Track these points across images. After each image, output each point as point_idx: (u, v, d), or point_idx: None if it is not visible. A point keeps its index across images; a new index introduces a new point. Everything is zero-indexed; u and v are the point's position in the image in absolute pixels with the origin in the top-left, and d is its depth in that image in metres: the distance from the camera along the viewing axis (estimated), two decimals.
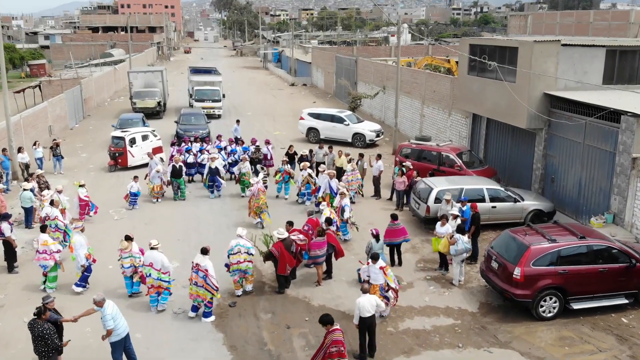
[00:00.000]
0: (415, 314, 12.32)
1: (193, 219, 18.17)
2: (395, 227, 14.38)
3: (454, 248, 13.41)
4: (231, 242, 12.74)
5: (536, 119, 18.27)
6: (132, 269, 12.72)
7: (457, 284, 13.64)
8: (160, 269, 11.99)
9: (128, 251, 12.64)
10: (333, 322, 9.61)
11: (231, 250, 12.59)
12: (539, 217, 16.90)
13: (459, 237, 13.47)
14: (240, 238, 12.70)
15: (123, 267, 12.75)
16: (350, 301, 12.75)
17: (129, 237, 12.80)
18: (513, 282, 11.99)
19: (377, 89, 34.78)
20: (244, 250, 12.61)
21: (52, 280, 13.32)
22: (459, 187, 16.38)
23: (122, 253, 12.70)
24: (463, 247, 13.41)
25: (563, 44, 18.01)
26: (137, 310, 12.27)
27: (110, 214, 18.41)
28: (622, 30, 57.09)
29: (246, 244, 12.72)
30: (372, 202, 19.72)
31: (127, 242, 12.68)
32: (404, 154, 20.84)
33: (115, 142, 24.07)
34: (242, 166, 19.98)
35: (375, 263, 11.77)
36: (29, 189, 17.01)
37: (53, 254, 13.15)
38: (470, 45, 21.40)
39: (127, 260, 12.66)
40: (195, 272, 11.78)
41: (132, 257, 12.65)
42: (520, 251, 12.14)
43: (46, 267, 13.14)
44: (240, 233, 12.77)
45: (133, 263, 12.66)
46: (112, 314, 9.87)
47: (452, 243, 13.44)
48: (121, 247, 12.72)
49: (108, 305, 9.94)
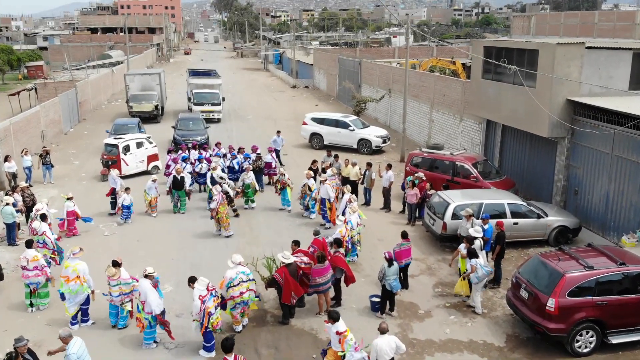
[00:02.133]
0: (435, 349, 11.01)
1: (189, 234, 16.87)
2: (404, 248, 13.02)
3: (475, 276, 12.09)
4: (228, 273, 11.21)
5: (558, 127, 16.97)
6: (120, 298, 11.42)
7: (481, 312, 12.33)
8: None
9: (116, 279, 11.33)
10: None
11: (231, 282, 11.13)
12: (564, 234, 15.62)
13: (476, 262, 12.15)
14: (239, 266, 11.34)
15: (111, 295, 11.45)
16: (363, 334, 11.40)
17: (116, 262, 11.45)
18: (546, 315, 10.69)
19: (382, 92, 33.53)
20: (245, 277, 11.26)
21: (45, 297, 12.39)
22: (478, 201, 15.03)
23: (110, 280, 11.39)
24: (484, 272, 12.12)
25: (587, 46, 16.72)
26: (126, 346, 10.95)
27: (101, 229, 17.12)
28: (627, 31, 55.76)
29: (245, 270, 11.38)
30: (382, 215, 18.41)
31: (115, 269, 11.37)
32: (414, 164, 19.55)
33: (108, 149, 22.80)
34: (246, 177, 18.69)
35: (333, 324, 9.32)
36: (10, 203, 15.72)
37: (44, 269, 12.23)
38: (485, 48, 20.10)
39: (116, 289, 11.36)
40: (212, 296, 10.58)
41: (120, 285, 11.35)
42: (553, 279, 10.83)
43: (38, 284, 12.23)
44: (238, 261, 11.35)
45: (122, 291, 11.36)
46: (78, 353, 8.70)
47: (472, 271, 12.12)
48: (108, 274, 11.39)
49: (74, 344, 8.77)
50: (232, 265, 11.34)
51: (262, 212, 18.85)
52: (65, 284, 11.62)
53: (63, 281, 11.63)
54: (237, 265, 11.33)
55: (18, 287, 13.27)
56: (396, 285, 11.90)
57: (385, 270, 11.87)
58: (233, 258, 11.43)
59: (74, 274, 11.64)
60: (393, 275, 11.85)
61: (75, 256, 11.78)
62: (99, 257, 14.79)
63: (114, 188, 18.14)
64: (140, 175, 22.67)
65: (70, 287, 11.60)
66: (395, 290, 11.94)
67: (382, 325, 9.12)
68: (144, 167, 23.17)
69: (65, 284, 11.62)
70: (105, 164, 22.49)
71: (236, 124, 35.30)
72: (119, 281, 11.33)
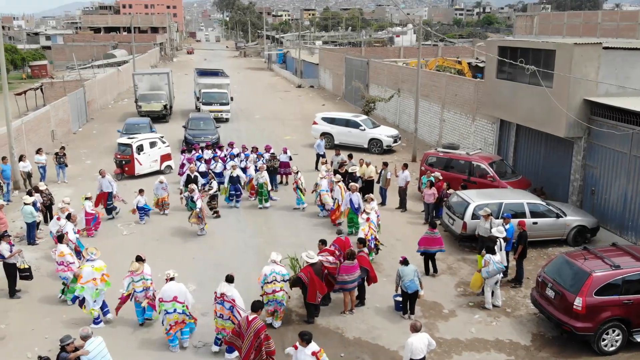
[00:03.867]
0: (462, 348, 11.07)
1: (207, 234, 16.88)
2: (433, 236, 13.48)
3: (486, 270, 12.16)
4: (265, 269, 11.37)
5: (575, 127, 17.02)
6: (144, 293, 11.48)
7: (491, 307, 12.41)
8: (184, 302, 10.67)
9: (139, 273, 11.38)
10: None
11: (266, 279, 11.24)
12: (582, 233, 15.67)
13: (490, 257, 12.22)
14: (275, 264, 11.39)
15: (135, 291, 11.49)
16: (388, 333, 11.55)
17: (140, 257, 11.54)
18: (573, 314, 10.74)
19: (390, 92, 33.56)
20: (279, 278, 11.30)
21: (72, 292, 12.34)
22: (498, 201, 15.08)
23: (133, 276, 11.42)
24: (495, 268, 12.15)
25: (604, 47, 16.77)
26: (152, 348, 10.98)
27: (119, 228, 17.16)
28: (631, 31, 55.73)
29: (282, 270, 11.40)
30: (398, 215, 18.44)
31: (139, 264, 11.42)
32: (429, 163, 19.58)
33: (121, 149, 22.81)
34: (260, 176, 18.74)
35: (306, 346, 8.76)
36: (30, 203, 15.76)
37: (70, 265, 12.32)
38: (499, 48, 20.14)
39: (139, 284, 11.41)
40: (221, 304, 10.46)
41: (144, 280, 11.40)
42: (580, 279, 10.89)
43: (66, 278, 12.40)
44: (274, 258, 11.42)
45: (145, 286, 11.42)
46: (91, 355, 8.64)
47: (484, 266, 12.18)
48: (132, 269, 11.44)
49: (90, 344, 8.74)
50: (269, 262, 11.47)
51: (278, 212, 18.89)
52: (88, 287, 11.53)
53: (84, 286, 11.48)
54: (272, 263, 11.38)
55: (43, 286, 13.34)
56: (410, 285, 11.81)
57: (402, 272, 11.90)
58: (271, 255, 11.55)
59: (100, 274, 11.68)
60: (408, 276, 11.83)
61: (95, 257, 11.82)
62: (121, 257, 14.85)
63: (109, 192, 17.60)
64: (153, 175, 22.67)
65: (99, 289, 11.64)
66: (410, 291, 11.89)
67: (416, 323, 9.16)
68: (157, 167, 23.21)
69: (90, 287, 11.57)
70: (119, 163, 22.53)
71: (244, 123, 35.34)
72: (142, 276, 11.37)
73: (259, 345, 9.32)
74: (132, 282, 11.40)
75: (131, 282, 11.39)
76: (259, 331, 9.34)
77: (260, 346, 9.32)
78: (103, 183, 17.67)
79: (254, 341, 9.30)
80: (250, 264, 14.56)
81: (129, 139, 22.98)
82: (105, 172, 17.91)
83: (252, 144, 22.90)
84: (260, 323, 9.46)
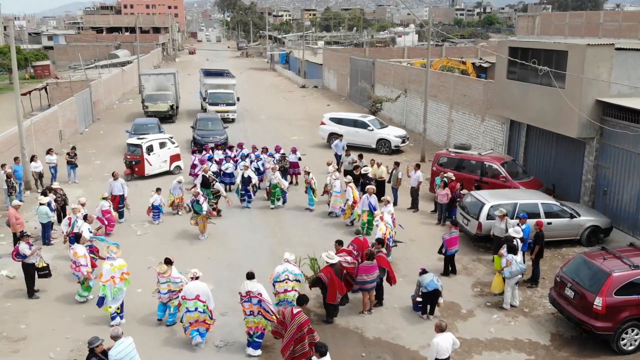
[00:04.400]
0: (482, 348, 11.12)
1: (220, 234, 16.95)
2: (454, 235, 13.74)
3: (508, 270, 12.22)
4: (277, 268, 11.50)
5: (588, 128, 17.08)
6: (169, 296, 11.54)
7: (509, 307, 12.48)
8: (206, 301, 10.72)
9: (167, 276, 11.45)
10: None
11: (277, 278, 11.33)
12: (596, 233, 15.73)
13: (512, 257, 12.29)
14: (288, 263, 11.46)
15: (160, 292, 11.58)
16: (407, 333, 11.61)
17: (169, 260, 11.58)
18: (593, 314, 10.80)
19: (397, 92, 33.60)
20: (292, 277, 11.36)
21: (84, 290, 12.62)
22: (513, 201, 15.14)
23: (160, 277, 11.50)
24: (518, 269, 12.25)
25: (617, 48, 16.83)
26: (174, 346, 11.02)
27: (133, 228, 17.21)
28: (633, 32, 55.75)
29: (294, 270, 11.48)
30: (410, 215, 18.48)
31: (167, 266, 11.50)
32: (440, 163, 19.63)
33: (131, 149, 22.81)
34: (273, 176, 18.78)
35: (320, 357, 8.46)
36: (45, 203, 15.81)
37: (80, 267, 12.39)
38: (510, 48, 20.20)
39: (165, 286, 11.50)
40: (248, 301, 10.53)
41: (169, 283, 11.46)
42: (599, 279, 10.94)
43: (79, 277, 12.57)
44: (287, 258, 11.53)
45: (170, 289, 11.47)
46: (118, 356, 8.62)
47: (506, 266, 12.24)
48: (159, 271, 11.53)
49: (118, 345, 8.75)
50: (282, 261, 11.53)
51: (289, 212, 18.94)
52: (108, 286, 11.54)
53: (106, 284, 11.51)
54: (285, 262, 11.44)
55: (60, 286, 13.39)
56: (429, 284, 11.90)
57: (420, 280, 12.01)
58: (285, 255, 11.63)
59: (119, 272, 11.70)
60: (427, 279, 11.91)
61: (115, 255, 11.86)
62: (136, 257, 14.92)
63: (121, 195, 17.49)
64: (162, 175, 22.75)
65: (118, 288, 11.68)
66: (429, 289, 11.95)
67: (441, 323, 9.20)
68: (166, 167, 23.24)
69: (110, 285, 11.59)
70: (128, 164, 22.56)
71: (250, 124, 35.38)
72: (168, 279, 11.43)
73: (300, 338, 9.58)
74: (157, 282, 11.50)
75: (157, 283, 11.50)
76: (302, 325, 9.60)
77: (301, 339, 9.59)
78: (115, 186, 17.55)
79: (295, 334, 9.58)
80: (263, 264, 14.54)
81: (138, 140, 23.01)
82: (118, 175, 17.89)
83: (260, 144, 22.94)
84: (304, 317, 9.70)
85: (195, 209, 16.31)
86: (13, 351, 10.94)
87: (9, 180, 18.25)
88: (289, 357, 9.70)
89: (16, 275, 13.97)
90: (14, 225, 14.86)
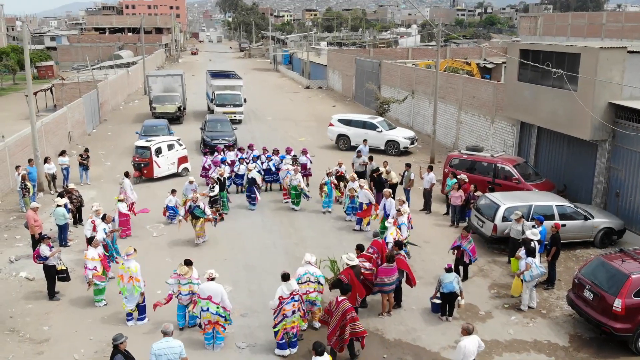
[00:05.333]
0: (502, 349, 11.22)
1: (236, 235, 17.06)
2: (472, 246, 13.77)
3: (529, 274, 12.32)
4: (299, 270, 11.61)
5: (600, 130, 17.18)
6: (189, 297, 11.60)
7: (526, 309, 12.58)
8: (220, 303, 10.82)
9: (188, 277, 11.53)
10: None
11: (299, 279, 11.42)
12: (609, 235, 15.84)
13: (532, 260, 12.40)
14: (309, 265, 11.57)
15: (180, 294, 11.62)
16: (427, 334, 11.71)
17: (189, 261, 11.68)
18: (612, 315, 10.91)
19: (403, 93, 33.73)
20: (313, 279, 11.47)
21: (96, 294, 12.68)
22: (527, 203, 15.25)
23: (180, 279, 11.56)
24: (538, 272, 12.38)
25: (629, 50, 16.94)
26: (194, 348, 11.12)
27: (148, 230, 17.31)
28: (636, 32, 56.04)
29: (316, 272, 11.58)
30: (423, 217, 18.57)
31: (188, 267, 11.58)
32: (452, 165, 19.72)
33: (140, 152, 22.69)
34: (293, 178, 18.87)
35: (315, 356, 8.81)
36: (62, 205, 15.91)
37: (86, 269, 12.45)
38: (521, 51, 20.30)
39: (186, 287, 11.55)
40: (292, 301, 10.63)
41: (191, 284, 11.53)
42: (618, 280, 11.05)
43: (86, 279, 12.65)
44: (309, 259, 11.61)
45: (192, 290, 11.54)
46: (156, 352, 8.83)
47: (526, 269, 12.34)
48: (180, 272, 11.58)
49: (163, 342, 8.95)
50: (303, 262, 11.60)
51: (302, 213, 19.02)
52: (121, 282, 11.88)
53: (119, 279, 11.87)
54: (307, 264, 11.53)
55: (79, 288, 13.46)
56: (446, 285, 12.00)
57: (442, 277, 12.08)
58: (305, 256, 11.68)
59: (127, 275, 11.84)
60: (447, 279, 12.00)
61: (129, 257, 11.95)
62: (152, 258, 15.05)
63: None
64: (171, 177, 22.76)
65: (126, 287, 11.84)
66: (445, 291, 12.06)
67: (468, 326, 9.28)
68: (174, 170, 23.22)
69: (121, 282, 11.88)
70: (137, 166, 22.48)
71: (257, 125, 35.49)
72: (190, 280, 11.51)
73: (344, 325, 10.14)
74: (178, 283, 11.55)
75: (177, 284, 11.55)
76: (346, 312, 10.16)
77: (345, 325, 10.14)
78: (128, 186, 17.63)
79: (340, 320, 10.16)
80: (280, 265, 14.60)
81: (146, 142, 22.94)
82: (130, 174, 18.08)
83: (269, 146, 23.00)
84: (348, 305, 10.26)
85: (195, 214, 15.89)
86: (37, 353, 11.04)
87: (23, 182, 18.35)
88: (335, 342, 10.32)
89: (35, 277, 14.10)
90: (32, 227, 14.94)
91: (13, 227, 17.72)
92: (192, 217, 16.03)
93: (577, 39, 61.05)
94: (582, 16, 70.92)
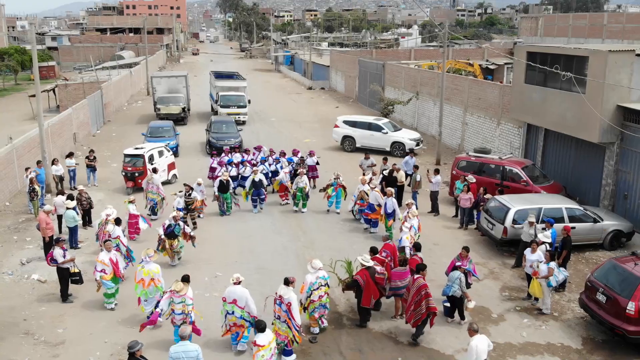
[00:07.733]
0: (516, 352, 11.27)
1: (245, 237, 17.11)
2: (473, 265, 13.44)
3: (555, 279, 12.34)
4: (309, 278, 11.41)
5: (608, 132, 17.24)
6: (182, 317, 11.00)
7: (549, 312, 12.63)
8: (244, 307, 10.83)
9: (182, 295, 10.89)
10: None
11: (312, 287, 11.37)
12: (618, 238, 15.90)
13: (555, 265, 12.47)
14: (320, 271, 11.55)
15: (174, 312, 10.93)
16: (441, 337, 11.76)
17: (186, 277, 11.15)
18: (625, 318, 10.96)
19: (408, 95, 33.77)
20: (323, 282, 11.49)
21: (107, 297, 12.69)
22: (537, 206, 15.31)
23: (174, 296, 10.88)
24: (563, 276, 12.52)
25: (637, 54, 17.00)
26: (214, 350, 11.17)
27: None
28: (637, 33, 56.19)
29: (324, 274, 11.60)
30: (431, 219, 18.62)
31: (183, 284, 11.00)
32: (460, 167, 19.77)
33: (132, 161, 21.03)
34: (300, 180, 18.91)
35: (256, 333, 9.42)
36: (72, 207, 15.95)
37: (95, 271, 12.49)
38: (528, 53, 20.36)
39: (179, 306, 10.87)
40: (279, 305, 10.67)
41: (184, 303, 10.91)
42: (631, 283, 11.10)
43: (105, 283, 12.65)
44: (316, 266, 11.49)
45: (184, 310, 10.95)
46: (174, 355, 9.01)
47: (549, 274, 12.33)
48: (174, 289, 10.89)
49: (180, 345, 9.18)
50: (312, 270, 11.52)
51: (310, 215, 19.05)
52: (139, 287, 11.94)
53: (138, 285, 11.92)
54: (317, 271, 11.53)
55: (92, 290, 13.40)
56: (446, 289, 12.06)
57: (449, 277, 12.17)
58: (313, 263, 11.56)
59: (148, 277, 11.90)
60: (449, 281, 12.06)
61: (150, 259, 12.01)
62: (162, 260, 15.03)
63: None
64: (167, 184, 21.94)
65: (147, 290, 11.89)
66: (442, 294, 12.15)
67: (472, 325, 9.36)
68: (165, 177, 21.97)
69: (140, 287, 11.94)
70: (130, 176, 20.94)
71: (261, 126, 35.54)
72: (184, 298, 10.90)
73: (419, 300, 11.05)
74: (171, 302, 10.99)
75: (170, 303, 10.98)
76: (420, 288, 11.08)
77: (420, 300, 11.05)
78: None
79: (415, 295, 11.07)
80: (291, 268, 14.70)
81: (136, 150, 21.80)
82: None
83: (275, 147, 23.04)
84: (422, 281, 11.17)
85: (175, 232, 14.78)
86: (53, 356, 11.07)
87: (32, 185, 18.36)
88: (410, 316, 11.22)
89: (47, 279, 14.13)
90: (43, 229, 14.97)
91: (22, 229, 17.75)
92: (169, 237, 14.83)
93: (578, 40, 61.20)
94: (583, 17, 70.99)
